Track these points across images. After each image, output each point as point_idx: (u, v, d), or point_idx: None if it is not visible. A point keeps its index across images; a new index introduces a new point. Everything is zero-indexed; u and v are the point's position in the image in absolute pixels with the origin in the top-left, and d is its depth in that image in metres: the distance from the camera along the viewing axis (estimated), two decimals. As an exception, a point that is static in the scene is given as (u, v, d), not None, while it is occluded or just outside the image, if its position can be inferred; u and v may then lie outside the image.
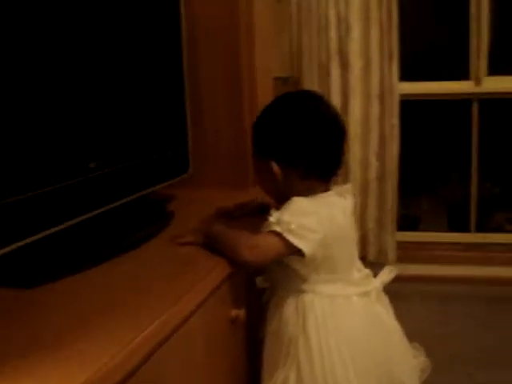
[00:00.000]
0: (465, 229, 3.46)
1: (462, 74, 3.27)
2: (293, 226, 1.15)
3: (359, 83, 3.06)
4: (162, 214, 1.49)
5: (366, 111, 3.09)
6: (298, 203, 1.20)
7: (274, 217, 1.18)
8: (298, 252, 1.17)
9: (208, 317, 1.07)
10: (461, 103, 3.38)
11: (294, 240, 1.15)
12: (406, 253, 3.28)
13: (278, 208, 1.23)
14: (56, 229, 1.03)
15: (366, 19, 3.00)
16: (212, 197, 1.79)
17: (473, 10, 3.17)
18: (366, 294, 1.26)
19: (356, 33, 3.02)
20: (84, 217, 1.11)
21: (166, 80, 1.51)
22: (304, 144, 1.22)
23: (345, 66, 3.04)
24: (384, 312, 1.28)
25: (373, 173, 3.17)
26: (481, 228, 3.49)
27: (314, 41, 3.00)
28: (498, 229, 3.66)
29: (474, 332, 2.67)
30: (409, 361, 1.30)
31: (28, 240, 0.96)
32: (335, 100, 3.00)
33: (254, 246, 1.18)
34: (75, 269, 1.07)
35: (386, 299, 1.31)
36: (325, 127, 1.24)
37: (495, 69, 3.28)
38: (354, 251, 1.31)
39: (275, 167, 1.24)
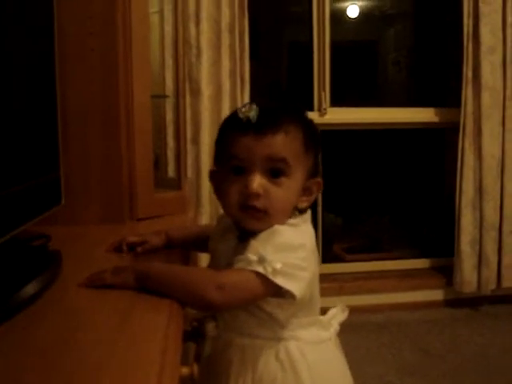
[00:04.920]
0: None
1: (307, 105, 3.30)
2: (279, 266, 0.92)
3: (209, 111, 2.90)
4: (46, 255, 1.17)
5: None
6: (282, 234, 0.98)
7: (253, 253, 0.94)
8: (283, 294, 0.95)
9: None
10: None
11: (281, 282, 0.92)
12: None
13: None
14: None
15: (216, 45, 2.87)
16: (87, 233, 1.51)
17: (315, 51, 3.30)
18: (330, 338, 1.09)
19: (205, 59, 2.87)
20: None
21: (35, 91, 1.19)
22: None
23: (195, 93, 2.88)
24: (342, 356, 1.11)
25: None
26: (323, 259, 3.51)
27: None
28: (337, 259, 3.71)
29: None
30: None
31: None
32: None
33: (225, 286, 0.92)
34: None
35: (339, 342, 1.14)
36: None
37: (335, 101, 3.36)
38: None
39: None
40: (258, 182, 0.99)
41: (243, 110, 1.01)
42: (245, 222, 1.02)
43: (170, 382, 0.71)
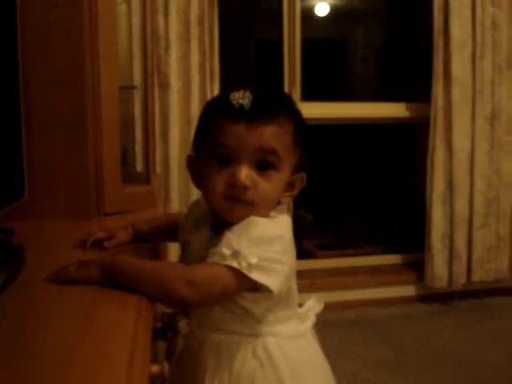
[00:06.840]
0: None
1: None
2: (254, 261, 0.88)
3: (178, 105, 2.85)
4: (9, 250, 1.11)
5: (186, 137, 2.87)
6: (258, 226, 0.93)
7: (227, 246, 0.90)
8: (259, 289, 0.91)
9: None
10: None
11: (257, 276, 0.88)
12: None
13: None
14: None
15: (185, 38, 2.81)
16: (52, 228, 1.45)
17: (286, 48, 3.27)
18: (308, 331, 1.05)
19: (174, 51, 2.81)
20: None
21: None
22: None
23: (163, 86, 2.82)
24: (320, 348, 1.08)
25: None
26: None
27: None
28: (308, 255, 3.69)
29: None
30: None
31: None
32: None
33: (197, 281, 0.87)
34: None
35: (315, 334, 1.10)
36: None
37: (305, 96, 3.34)
38: None
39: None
40: (245, 173, 0.94)
41: (236, 96, 0.95)
42: (228, 214, 0.97)
43: (140, 379, 0.67)
